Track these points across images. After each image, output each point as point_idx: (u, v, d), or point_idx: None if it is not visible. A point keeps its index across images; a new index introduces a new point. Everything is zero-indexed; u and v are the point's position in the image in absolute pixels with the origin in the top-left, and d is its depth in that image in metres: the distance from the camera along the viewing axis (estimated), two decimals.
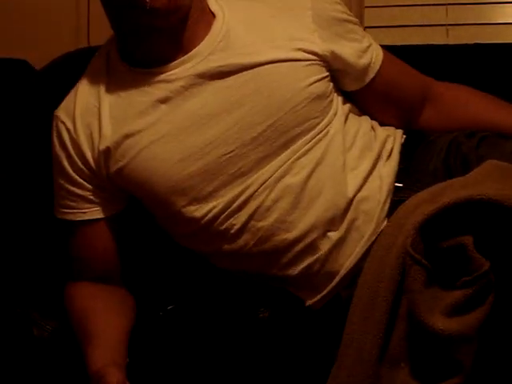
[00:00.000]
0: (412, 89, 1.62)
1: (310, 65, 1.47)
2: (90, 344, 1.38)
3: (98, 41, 1.78)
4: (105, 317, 1.44)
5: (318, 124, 1.47)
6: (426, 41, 2.00)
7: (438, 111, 1.63)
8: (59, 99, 1.56)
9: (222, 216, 1.45)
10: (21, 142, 1.85)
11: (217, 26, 1.48)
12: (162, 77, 1.46)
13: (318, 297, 1.46)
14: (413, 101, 1.62)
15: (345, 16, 1.55)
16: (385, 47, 1.80)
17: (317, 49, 1.48)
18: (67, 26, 2.20)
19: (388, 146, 1.54)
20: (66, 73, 1.83)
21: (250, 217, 1.44)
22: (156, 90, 1.46)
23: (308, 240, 1.44)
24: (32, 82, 1.93)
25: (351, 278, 1.44)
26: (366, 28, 2.15)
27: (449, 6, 2.12)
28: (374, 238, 1.43)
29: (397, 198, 1.47)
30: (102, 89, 1.50)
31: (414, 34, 2.12)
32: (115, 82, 1.49)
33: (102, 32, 1.59)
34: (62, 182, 1.52)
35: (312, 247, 1.45)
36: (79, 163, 1.49)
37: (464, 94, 1.65)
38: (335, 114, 1.50)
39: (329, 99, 1.49)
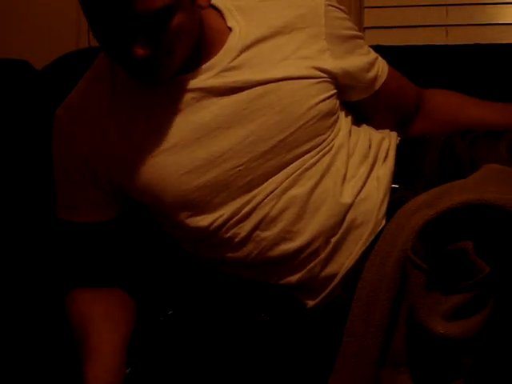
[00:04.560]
0: (410, 98, 1.66)
1: (320, 82, 1.48)
2: (88, 358, 1.38)
3: None
4: (103, 326, 1.43)
5: (325, 139, 1.48)
6: (426, 41, 2.00)
7: (425, 117, 1.68)
8: (60, 99, 1.55)
9: (227, 225, 1.45)
10: (21, 143, 1.84)
11: (232, 41, 1.47)
12: (173, 87, 1.44)
13: (319, 298, 1.47)
14: (409, 110, 1.67)
15: (354, 32, 1.57)
16: (384, 48, 1.82)
17: (328, 66, 1.49)
18: (68, 27, 2.19)
19: (384, 147, 1.56)
20: (67, 73, 1.83)
21: (256, 226, 1.45)
22: (166, 100, 1.44)
23: (311, 248, 1.45)
24: (32, 83, 1.93)
25: (351, 278, 1.44)
26: (365, 28, 2.16)
27: (448, 7, 2.12)
28: (373, 237, 1.45)
29: (393, 198, 1.49)
30: (107, 92, 1.48)
31: (414, 34, 2.12)
32: (121, 87, 1.48)
33: None
34: (65, 183, 1.52)
35: (314, 254, 1.45)
36: (82, 165, 1.48)
37: (442, 96, 1.69)
38: (340, 129, 1.52)
39: (335, 116, 1.51)
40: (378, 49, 1.66)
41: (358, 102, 1.60)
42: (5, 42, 2.19)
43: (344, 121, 1.54)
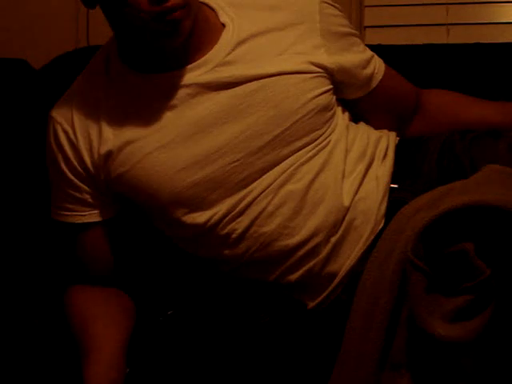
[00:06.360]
0: (408, 98, 1.66)
1: (316, 77, 1.49)
2: (88, 358, 1.37)
3: (97, 40, 1.78)
4: (103, 326, 1.42)
5: (322, 135, 1.48)
6: (427, 40, 2.00)
7: (423, 118, 1.67)
8: (58, 99, 1.55)
9: (224, 221, 1.45)
10: (20, 142, 1.84)
11: (226, 37, 1.47)
12: (168, 83, 1.45)
13: (319, 299, 1.47)
14: (407, 109, 1.67)
15: (349, 30, 1.57)
16: (385, 47, 1.82)
17: (324, 62, 1.49)
18: (66, 26, 2.20)
19: (382, 146, 1.55)
20: (66, 72, 1.82)
21: (253, 222, 1.45)
22: (161, 97, 1.45)
23: (310, 245, 1.45)
24: (31, 82, 1.93)
25: (351, 279, 1.44)
26: (365, 28, 2.16)
27: (449, 6, 2.12)
28: (373, 237, 1.45)
29: (393, 199, 1.49)
30: (102, 91, 1.49)
31: (415, 33, 2.12)
32: (116, 85, 1.48)
33: (101, 32, 1.58)
34: (60, 184, 1.52)
35: (314, 252, 1.45)
36: (77, 166, 1.49)
37: (441, 96, 1.69)
38: (337, 124, 1.52)
39: (332, 111, 1.51)
40: (378, 48, 1.66)
41: (355, 101, 1.60)
42: (4, 42, 2.20)
43: (341, 117, 1.54)
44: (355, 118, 1.61)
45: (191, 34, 1.42)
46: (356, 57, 1.56)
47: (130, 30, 1.42)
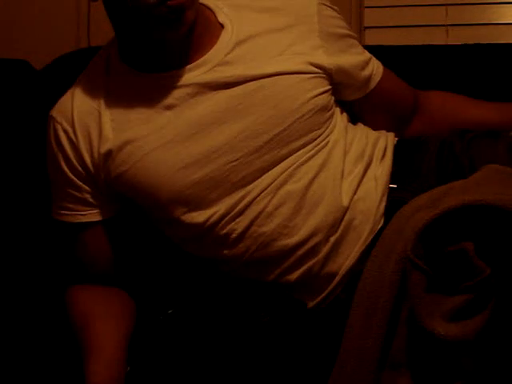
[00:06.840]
0: (406, 99, 1.67)
1: (314, 77, 1.49)
2: (89, 356, 1.37)
3: (98, 41, 1.79)
4: (104, 325, 1.42)
5: (321, 135, 1.49)
6: (426, 41, 2.00)
7: (423, 118, 1.68)
8: (59, 99, 1.55)
9: (223, 220, 1.45)
10: (21, 143, 1.84)
11: (225, 37, 1.48)
12: (168, 83, 1.45)
13: (319, 298, 1.47)
14: (406, 111, 1.67)
15: (347, 31, 1.58)
16: (384, 47, 1.82)
17: (322, 63, 1.50)
18: (68, 27, 2.20)
19: (380, 147, 1.56)
20: (67, 73, 1.82)
21: (252, 222, 1.45)
22: (161, 96, 1.45)
23: (310, 245, 1.45)
24: (33, 83, 1.93)
25: (350, 279, 1.45)
26: (365, 28, 2.16)
27: (449, 7, 2.12)
28: (372, 237, 1.45)
29: (392, 199, 1.49)
30: (102, 91, 1.49)
31: (414, 34, 2.11)
32: (116, 85, 1.49)
33: (102, 32, 1.59)
34: (60, 183, 1.53)
35: (313, 251, 1.45)
36: (77, 165, 1.49)
37: (440, 98, 1.70)
38: (336, 125, 1.52)
39: (331, 111, 1.52)
40: (378, 49, 1.67)
41: (353, 103, 1.61)
42: (5, 42, 2.20)
43: (339, 117, 1.54)
44: (354, 119, 1.61)
45: (192, 30, 1.44)
46: (354, 58, 1.57)
47: (133, 22, 1.42)
